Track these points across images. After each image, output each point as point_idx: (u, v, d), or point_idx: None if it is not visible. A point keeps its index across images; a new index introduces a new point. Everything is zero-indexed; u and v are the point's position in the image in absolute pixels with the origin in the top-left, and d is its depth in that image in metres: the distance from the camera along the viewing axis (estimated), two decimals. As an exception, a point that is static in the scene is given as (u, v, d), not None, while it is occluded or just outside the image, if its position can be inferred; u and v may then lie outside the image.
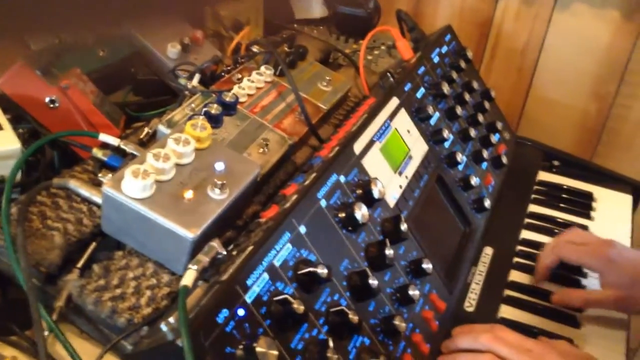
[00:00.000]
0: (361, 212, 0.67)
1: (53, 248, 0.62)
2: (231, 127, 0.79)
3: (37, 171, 0.72)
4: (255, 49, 0.97)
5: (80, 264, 0.62)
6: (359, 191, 0.71)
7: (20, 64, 0.74)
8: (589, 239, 0.88)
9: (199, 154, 0.67)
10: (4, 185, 0.65)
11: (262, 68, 0.89)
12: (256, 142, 0.78)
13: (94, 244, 0.65)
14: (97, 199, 0.66)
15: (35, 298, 0.57)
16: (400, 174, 0.81)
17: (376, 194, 0.70)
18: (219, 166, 0.66)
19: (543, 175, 1.12)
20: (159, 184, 0.61)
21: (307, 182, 0.67)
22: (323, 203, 0.66)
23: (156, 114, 0.86)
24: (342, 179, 0.70)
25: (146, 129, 0.77)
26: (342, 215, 0.67)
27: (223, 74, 0.90)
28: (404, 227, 0.71)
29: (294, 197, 0.65)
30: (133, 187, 0.59)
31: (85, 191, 0.66)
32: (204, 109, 0.76)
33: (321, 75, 0.97)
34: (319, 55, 1.13)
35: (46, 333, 0.57)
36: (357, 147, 0.75)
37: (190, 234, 0.58)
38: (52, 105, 0.75)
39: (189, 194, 0.62)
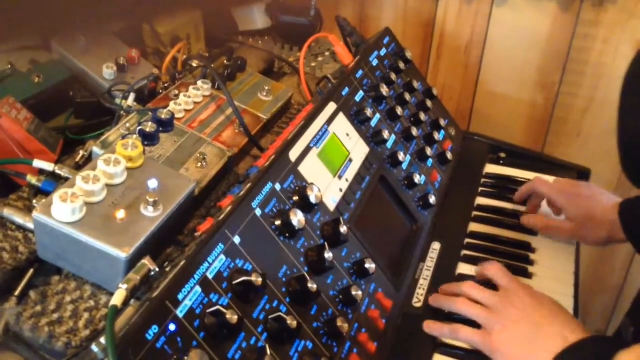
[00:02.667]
0: (297, 218, 0.67)
1: (-13, 278, 0.61)
2: (168, 143, 0.79)
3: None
4: (194, 63, 0.98)
5: (17, 292, 0.62)
6: (296, 198, 0.72)
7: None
8: (565, 181, 1.01)
9: (132, 173, 0.67)
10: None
11: (199, 83, 0.90)
12: (194, 157, 0.79)
13: (31, 271, 0.64)
14: (31, 225, 0.66)
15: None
16: (340, 177, 0.82)
17: (313, 199, 0.71)
18: (152, 184, 0.66)
19: (490, 168, 1.14)
20: (89, 206, 0.62)
21: (241, 193, 0.68)
22: (258, 212, 0.67)
23: (96, 136, 0.86)
24: (277, 187, 0.71)
25: (82, 152, 0.77)
26: (278, 222, 0.68)
27: (161, 91, 0.91)
28: (343, 229, 0.72)
29: (228, 208, 0.65)
30: (62, 211, 0.59)
31: (19, 219, 0.66)
32: (139, 128, 0.77)
33: (261, 86, 0.98)
34: (263, 65, 1.14)
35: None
36: (293, 154, 0.76)
37: (122, 254, 0.59)
38: (-16, 135, 0.75)
39: (121, 214, 0.62)
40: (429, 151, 1.00)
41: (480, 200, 1.06)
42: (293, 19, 1.28)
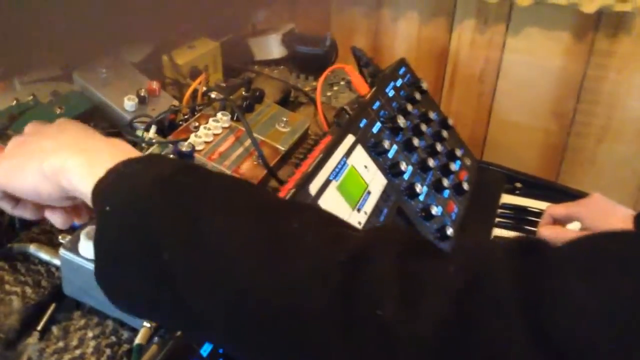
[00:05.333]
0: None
1: (12, 313, 0.62)
2: (189, 176, 0.80)
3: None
4: (213, 94, 0.99)
5: (40, 327, 0.62)
6: (316, 232, 0.72)
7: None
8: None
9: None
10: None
11: (219, 115, 0.90)
12: (214, 190, 0.79)
13: (53, 306, 0.65)
14: (56, 261, 0.66)
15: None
16: (359, 210, 0.82)
17: (333, 234, 0.71)
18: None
19: (506, 198, 1.14)
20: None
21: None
22: (279, 247, 0.67)
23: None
24: (298, 221, 0.71)
25: (104, 185, 0.78)
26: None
27: (181, 122, 0.92)
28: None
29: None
30: (89, 248, 0.59)
31: (45, 255, 0.67)
32: (160, 161, 0.77)
33: (279, 116, 0.99)
34: (279, 95, 1.15)
35: (5, 401, 0.57)
36: (313, 188, 0.76)
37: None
38: None
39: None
40: (445, 182, 1.00)
41: (498, 232, 1.05)
42: (309, 50, 1.29)
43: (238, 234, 0.44)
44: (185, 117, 0.93)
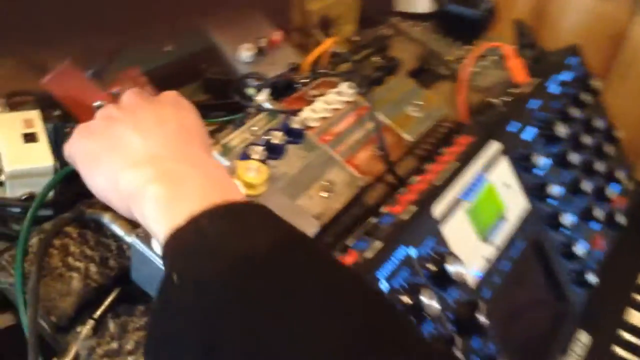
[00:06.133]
0: (430, 302, 0.54)
1: (69, 294, 0.54)
2: (295, 158, 0.68)
3: (75, 186, 0.65)
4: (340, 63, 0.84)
5: (97, 314, 0.54)
6: (431, 267, 0.58)
7: (69, 63, 0.66)
8: None
9: (247, 203, 0.56)
10: (31, 203, 0.58)
11: (344, 86, 0.76)
12: (320, 183, 0.66)
13: (116, 292, 0.56)
14: (130, 239, 0.57)
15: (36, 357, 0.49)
16: (488, 241, 0.67)
17: (453, 276, 0.57)
18: (268, 220, 0.55)
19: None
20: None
21: (368, 255, 0.55)
22: (384, 285, 0.54)
23: (222, 121, 0.76)
24: (412, 252, 0.57)
25: (199, 152, 0.68)
26: (406, 300, 0.55)
27: (299, 85, 0.78)
28: (482, 318, 0.58)
29: (351, 272, 0.53)
30: (160, 244, 0.49)
31: (119, 229, 0.57)
32: (265, 138, 0.65)
33: (412, 96, 0.83)
34: (415, 63, 0.98)
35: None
36: (438, 208, 0.62)
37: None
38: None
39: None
40: (597, 211, 0.82)
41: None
42: (462, 10, 1.10)
43: None
44: (305, 80, 0.79)
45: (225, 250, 0.36)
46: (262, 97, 0.73)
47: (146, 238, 0.51)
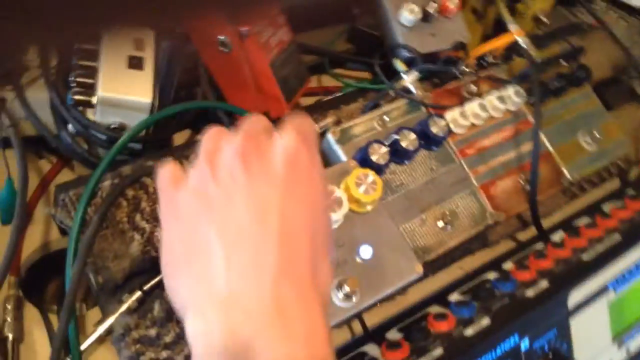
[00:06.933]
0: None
1: (124, 257, 0.48)
2: (421, 169, 0.56)
3: (170, 129, 0.58)
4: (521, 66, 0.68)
5: (147, 287, 0.48)
6: (542, 370, 0.46)
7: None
8: None
9: (349, 219, 0.46)
10: (119, 134, 0.52)
11: (511, 91, 0.61)
12: (441, 207, 0.55)
13: (175, 266, 0.50)
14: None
15: (68, 319, 0.44)
16: (620, 344, 0.53)
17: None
18: (365, 252, 0.45)
19: None
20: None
21: (467, 332, 0.44)
22: (474, 382, 0.43)
23: (357, 87, 0.66)
24: (524, 344, 0.45)
25: (314, 126, 0.57)
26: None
27: (460, 73, 0.64)
28: None
29: (438, 349, 0.43)
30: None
31: None
32: (394, 136, 0.54)
33: (591, 121, 0.66)
34: (608, 71, 0.79)
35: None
36: (574, 296, 0.49)
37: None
38: (222, 48, 0.58)
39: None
40: None
41: None
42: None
43: None
44: (467, 68, 0.65)
45: None
46: (410, 79, 0.60)
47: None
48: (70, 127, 0.52)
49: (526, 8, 0.78)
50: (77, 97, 0.51)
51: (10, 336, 0.47)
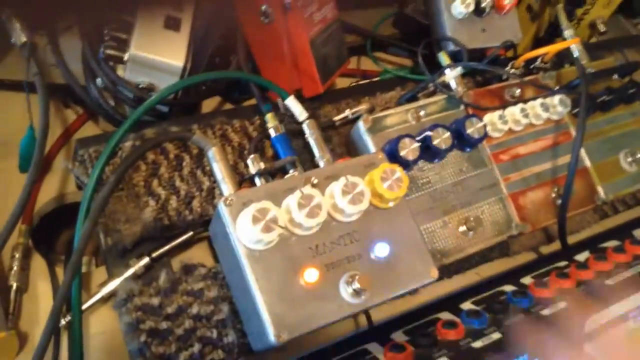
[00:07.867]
0: None
1: (136, 222, 0.47)
2: (452, 169, 0.54)
3: (199, 94, 0.56)
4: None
5: (156, 254, 0.47)
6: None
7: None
8: None
9: (368, 214, 0.44)
10: (146, 94, 0.50)
11: (556, 100, 0.58)
12: (466, 211, 0.53)
13: (185, 236, 0.49)
14: (225, 188, 0.47)
15: (72, 276, 0.43)
16: (634, 379, 0.51)
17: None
18: (381, 250, 0.43)
19: None
20: (283, 240, 0.41)
21: (476, 344, 0.43)
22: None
23: (397, 76, 0.63)
24: (534, 366, 0.44)
25: (347, 111, 0.55)
26: None
27: (506, 74, 0.61)
28: None
29: (443, 358, 0.41)
30: (247, 228, 0.40)
31: (219, 170, 0.47)
32: (427, 133, 0.51)
33: (635, 141, 0.63)
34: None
35: (63, 322, 0.45)
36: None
37: (273, 339, 0.39)
38: (263, 18, 0.56)
39: (312, 274, 0.41)
40: None
41: None
42: None
43: None
44: (512, 70, 0.62)
45: None
46: (452, 74, 0.57)
47: (234, 210, 0.41)
48: (98, 81, 0.51)
49: (585, 14, 0.74)
50: (109, 51, 0.50)
51: (15, 285, 0.46)
